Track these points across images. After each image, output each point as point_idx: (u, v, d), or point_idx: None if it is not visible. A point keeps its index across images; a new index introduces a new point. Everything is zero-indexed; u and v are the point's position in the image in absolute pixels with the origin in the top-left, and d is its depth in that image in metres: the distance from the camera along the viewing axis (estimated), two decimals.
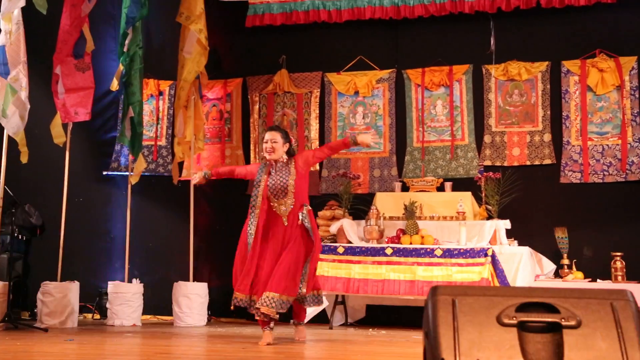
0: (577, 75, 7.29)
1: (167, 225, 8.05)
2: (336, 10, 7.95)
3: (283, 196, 5.20)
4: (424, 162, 7.66)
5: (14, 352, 4.51)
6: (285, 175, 5.25)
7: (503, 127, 7.50)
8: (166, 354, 4.54)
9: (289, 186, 5.19)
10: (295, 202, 5.20)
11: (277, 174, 5.26)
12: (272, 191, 5.21)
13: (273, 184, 5.22)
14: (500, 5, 7.41)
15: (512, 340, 1.89)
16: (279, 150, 5.29)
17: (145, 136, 7.95)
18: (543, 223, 7.02)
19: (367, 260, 6.65)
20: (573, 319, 1.90)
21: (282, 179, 5.23)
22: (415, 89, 7.82)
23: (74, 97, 6.98)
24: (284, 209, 5.19)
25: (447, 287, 2.02)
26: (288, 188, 5.19)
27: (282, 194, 5.20)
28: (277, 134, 5.33)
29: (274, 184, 5.22)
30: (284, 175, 5.25)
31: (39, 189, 7.84)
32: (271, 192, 5.21)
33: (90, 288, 7.58)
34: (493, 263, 6.24)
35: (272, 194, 5.21)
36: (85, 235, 7.91)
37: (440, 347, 1.88)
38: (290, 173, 5.25)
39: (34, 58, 6.92)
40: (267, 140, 5.30)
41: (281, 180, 5.22)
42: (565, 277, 6.55)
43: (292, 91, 8.12)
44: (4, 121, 6.45)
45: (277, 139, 5.30)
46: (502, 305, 1.95)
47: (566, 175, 7.20)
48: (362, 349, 5.09)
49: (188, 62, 7.29)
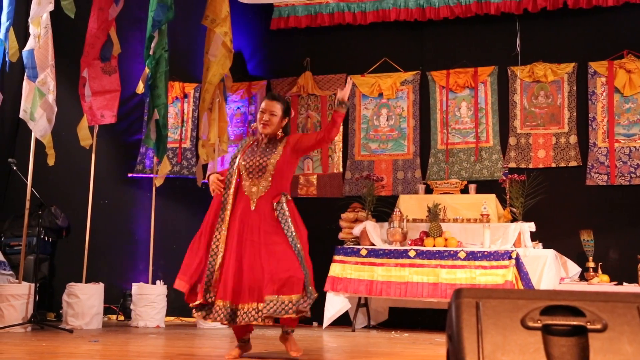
0: (605, 76, 7.21)
1: (191, 227, 8.03)
2: (361, 12, 7.95)
3: (258, 176, 4.28)
4: (448, 164, 7.63)
5: (40, 352, 4.56)
6: (268, 152, 4.33)
7: (528, 129, 7.44)
8: (190, 356, 4.56)
9: (269, 165, 4.27)
10: (271, 186, 4.27)
11: (258, 149, 4.38)
12: (247, 167, 4.31)
13: (251, 159, 4.33)
14: (527, 6, 7.37)
15: (537, 343, 1.87)
16: (275, 125, 4.37)
17: (170, 138, 8.01)
18: (568, 226, 6.95)
19: (390, 262, 6.63)
20: (599, 323, 1.88)
21: (263, 156, 4.32)
22: (439, 90, 7.79)
23: (100, 100, 7.05)
24: (254, 189, 4.28)
25: (471, 289, 2.01)
26: (267, 168, 4.27)
27: (257, 172, 4.29)
28: (277, 104, 4.39)
29: (252, 160, 4.32)
30: (266, 153, 4.34)
31: (65, 191, 7.93)
32: (245, 168, 4.31)
33: (114, 289, 7.65)
34: (517, 266, 6.19)
35: (246, 171, 4.31)
36: (110, 237, 7.98)
37: (463, 350, 1.87)
38: (275, 151, 4.33)
39: (61, 61, 7.01)
40: (265, 110, 4.36)
41: (261, 157, 4.32)
42: (590, 280, 6.48)
43: (316, 93, 8.13)
44: (31, 124, 6.53)
45: (277, 110, 4.37)
46: (526, 308, 1.93)
47: (592, 177, 7.12)
48: (385, 352, 5.07)
49: (213, 65, 7.33)
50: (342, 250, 6.90)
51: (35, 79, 6.49)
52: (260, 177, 4.28)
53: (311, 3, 8.12)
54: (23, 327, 6.15)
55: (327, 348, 5.37)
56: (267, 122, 4.34)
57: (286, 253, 4.14)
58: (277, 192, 4.28)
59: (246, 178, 4.30)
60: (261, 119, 4.36)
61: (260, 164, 4.29)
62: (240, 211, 4.26)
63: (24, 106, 6.53)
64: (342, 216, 7.29)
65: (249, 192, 4.28)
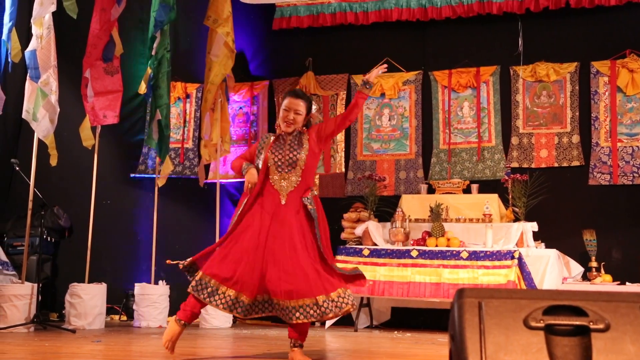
0: (607, 76, 7.20)
1: (194, 227, 8.09)
2: (363, 12, 7.95)
3: (289, 170, 4.22)
4: (450, 164, 7.62)
5: (42, 352, 4.57)
6: (296, 147, 4.27)
7: (531, 128, 7.43)
8: (192, 356, 4.57)
9: (300, 160, 4.22)
10: (301, 181, 4.22)
11: (286, 144, 4.29)
12: (277, 162, 4.24)
13: (280, 154, 4.25)
14: (529, 6, 7.36)
15: (539, 343, 1.87)
16: (300, 124, 4.32)
17: (172, 139, 8.02)
18: (571, 225, 6.95)
19: (392, 262, 6.63)
20: (601, 322, 1.88)
21: (292, 151, 4.26)
22: (441, 90, 7.78)
23: (102, 100, 7.05)
24: (285, 184, 4.23)
25: (473, 289, 2.00)
26: (298, 163, 4.22)
27: (288, 167, 4.23)
28: (301, 102, 4.33)
29: (282, 156, 4.25)
30: (295, 148, 4.27)
31: (68, 192, 7.94)
32: (275, 163, 4.24)
33: (117, 290, 7.65)
34: (520, 265, 6.19)
35: (276, 166, 4.24)
36: (113, 237, 7.99)
37: (466, 350, 1.87)
38: (302, 146, 4.27)
39: (64, 62, 7.02)
40: (289, 108, 4.29)
41: (291, 152, 4.25)
42: (593, 280, 6.47)
43: (319, 93, 8.12)
44: (34, 124, 6.54)
45: (301, 109, 4.31)
46: (529, 308, 1.93)
47: (595, 177, 7.11)
48: (387, 352, 5.06)
49: (215, 65, 7.33)
50: (344, 250, 6.90)
51: (37, 80, 6.49)
52: (290, 171, 4.22)
53: (313, 3, 8.12)
54: (26, 327, 6.15)
55: (329, 348, 5.37)
56: (292, 121, 4.29)
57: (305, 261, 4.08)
58: (306, 187, 4.25)
59: (275, 172, 4.23)
60: (285, 118, 4.30)
61: (290, 158, 4.23)
62: (270, 205, 4.20)
63: (26, 107, 6.53)
64: (345, 216, 7.29)
65: (278, 186, 4.22)
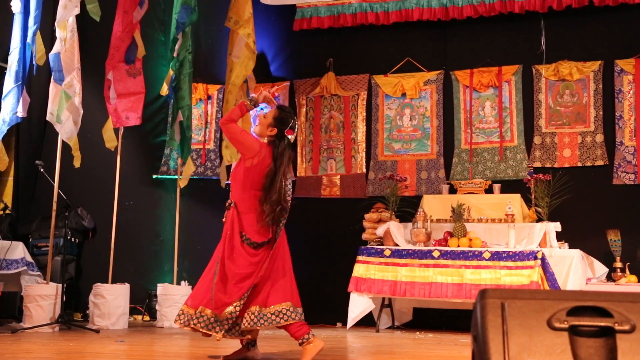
0: (631, 74, 7.13)
1: (215, 227, 8.09)
2: (384, 12, 7.93)
3: None
4: (472, 164, 7.58)
5: (67, 352, 4.62)
6: None
7: (554, 128, 7.37)
8: (215, 357, 4.59)
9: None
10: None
11: None
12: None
13: None
14: (552, 4, 7.30)
15: (563, 344, 1.85)
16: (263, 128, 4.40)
17: (194, 140, 8.06)
18: (595, 225, 6.88)
19: (414, 263, 6.61)
20: (627, 324, 1.86)
21: None
22: (463, 90, 7.75)
23: (125, 102, 7.10)
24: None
25: (496, 290, 1.99)
26: None
27: None
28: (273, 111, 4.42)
29: None
30: None
31: (91, 193, 8.01)
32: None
33: (140, 290, 7.70)
34: (543, 266, 6.14)
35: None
36: (136, 238, 8.04)
37: (489, 351, 1.86)
38: None
39: (87, 64, 7.08)
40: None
41: None
42: (618, 280, 6.41)
43: (339, 94, 8.12)
44: (58, 126, 6.61)
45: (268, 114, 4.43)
46: (552, 309, 1.91)
47: (619, 176, 7.04)
48: (409, 352, 5.05)
49: (236, 66, 7.35)
50: (365, 250, 6.89)
51: (61, 82, 6.56)
52: None
53: (334, 4, 8.12)
54: (51, 327, 6.22)
55: (351, 348, 5.37)
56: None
57: None
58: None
59: None
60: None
61: None
62: None
63: (50, 109, 6.61)
64: (366, 217, 7.28)
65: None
